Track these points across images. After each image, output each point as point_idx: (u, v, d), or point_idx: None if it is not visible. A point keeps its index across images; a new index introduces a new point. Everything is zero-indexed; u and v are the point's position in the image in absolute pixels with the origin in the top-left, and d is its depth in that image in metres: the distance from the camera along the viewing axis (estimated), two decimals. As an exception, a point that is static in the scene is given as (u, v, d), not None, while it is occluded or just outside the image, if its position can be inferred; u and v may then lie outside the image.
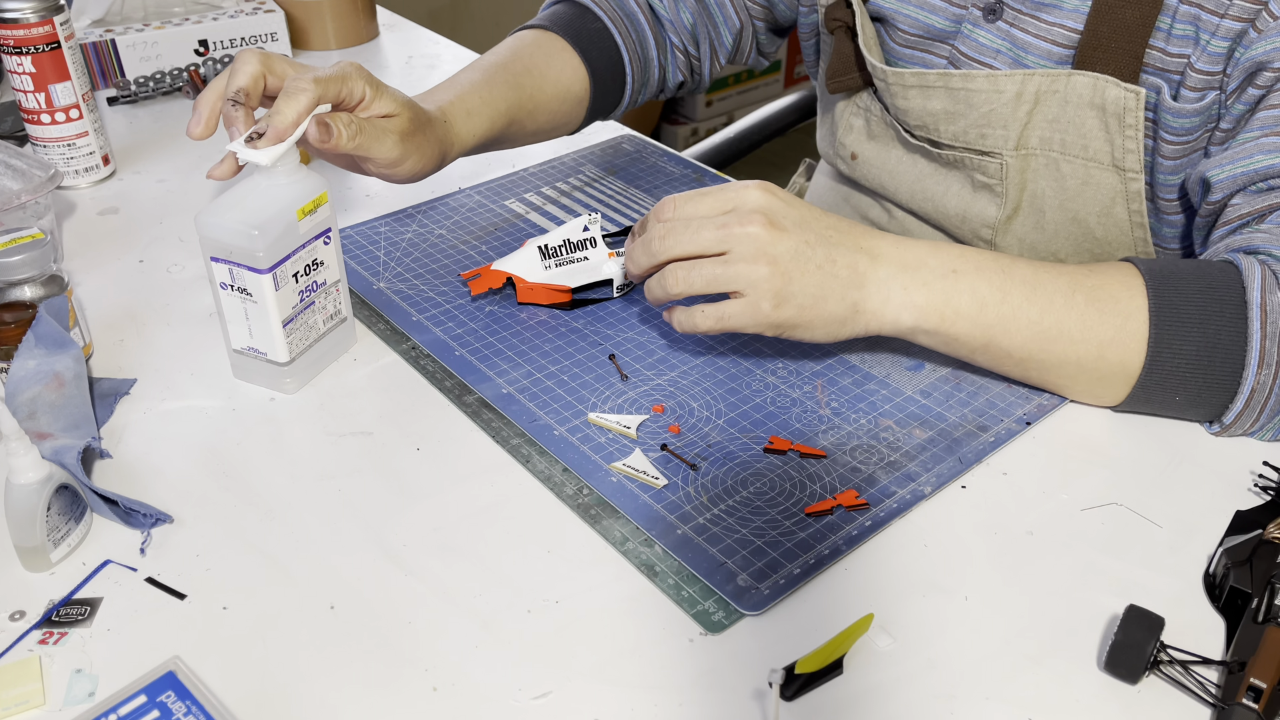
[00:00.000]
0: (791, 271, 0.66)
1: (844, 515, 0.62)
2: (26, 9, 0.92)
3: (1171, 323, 0.66)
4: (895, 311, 0.67)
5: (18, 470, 0.58)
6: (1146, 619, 0.53)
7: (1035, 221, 0.84)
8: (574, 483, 0.65)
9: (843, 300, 0.67)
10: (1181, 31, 0.73)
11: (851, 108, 0.93)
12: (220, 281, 0.69)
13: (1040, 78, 0.79)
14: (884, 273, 0.67)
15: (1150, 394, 0.68)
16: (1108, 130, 0.78)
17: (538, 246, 0.81)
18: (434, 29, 1.49)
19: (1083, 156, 0.79)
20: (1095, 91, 0.77)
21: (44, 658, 0.54)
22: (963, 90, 0.81)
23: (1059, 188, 0.82)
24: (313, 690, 0.53)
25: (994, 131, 0.82)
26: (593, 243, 0.82)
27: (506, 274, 0.80)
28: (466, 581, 0.59)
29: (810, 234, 0.67)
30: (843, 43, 0.89)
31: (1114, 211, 0.81)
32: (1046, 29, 0.79)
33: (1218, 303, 0.66)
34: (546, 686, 0.53)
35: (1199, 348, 0.66)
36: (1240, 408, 0.66)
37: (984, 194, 0.86)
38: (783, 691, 0.52)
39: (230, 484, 0.66)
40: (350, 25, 1.35)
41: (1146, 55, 0.75)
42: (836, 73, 0.90)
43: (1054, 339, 0.67)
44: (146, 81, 1.19)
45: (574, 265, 0.81)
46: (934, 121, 0.84)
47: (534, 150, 1.07)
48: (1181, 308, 0.66)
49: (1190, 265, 0.68)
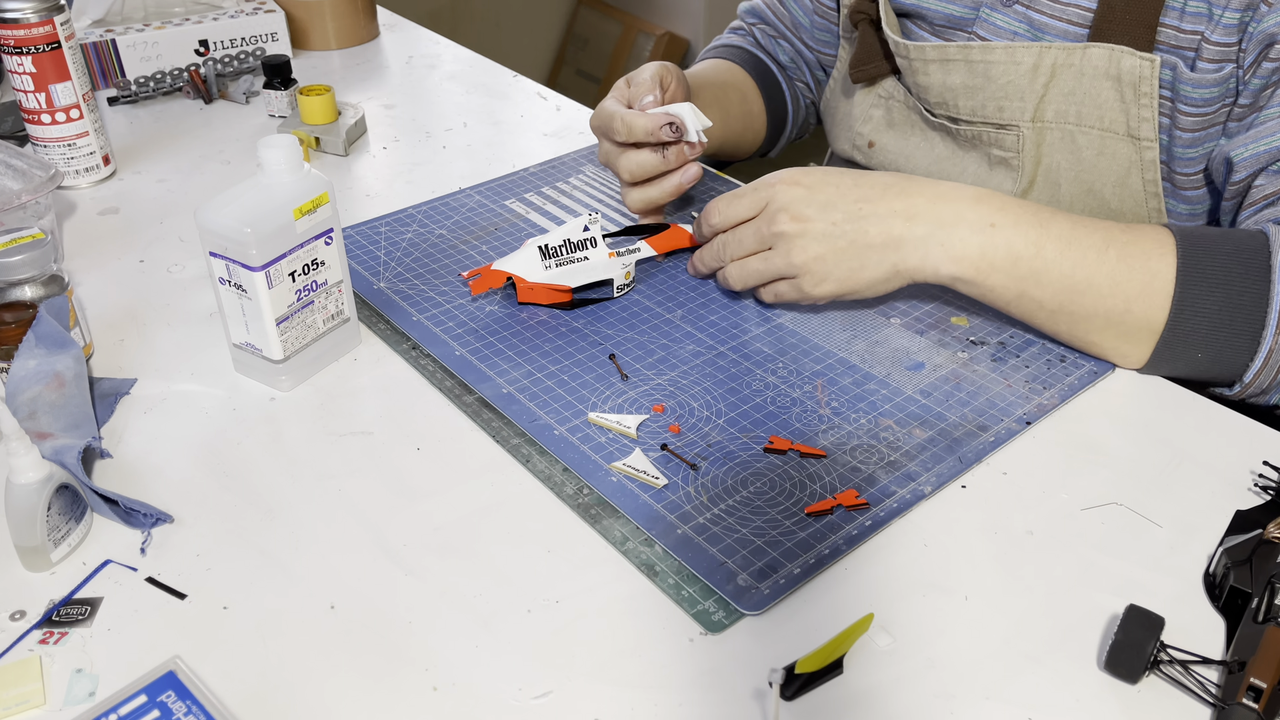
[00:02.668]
0: (824, 254, 0.73)
1: (844, 515, 0.62)
2: (27, 9, 0.92)
3: (1197, 281, 0.69)
4: (934, 265, 0.72)
5: (18, 470, 0.58)
6: (1146, 619, 0.53)
7: (1051, 195, 0.86)
8: (574, 482, 0.65)
9: (880, 265, 0.73)
10: (1195, 8, 0.76)
11: (871, 98, 0.96)
12: (219, 277, 0.70)
13: (1057, 50, 0.81)
14: (921, 232, 0.72)
15: (1173, 350, 0.70)
16: (1123, 100, 0.80)
17: (538, 246, 0.81)
18: (434, 29, 1.49)
19: (1098, 127, 0.82)
20: (1111, 62, 0.79)
21: (44, 657, 0.54)
22: (981, 63, 0.84)
23: (1075, 159, 0.84)
24: (313, 690, 0.53)
25: (1011, 104, 0.84)
26: (593, 243, 0.82)
27: (507, 274, 0.80)
28: (466, 581, 0.59)
29: (837, 213, 0.73)
30: (866, 34, 0.93)
31: (1129, 181, 0.83)
32: (1062, 9, 0.82)
33: (1243, 265, 0.69)
34: (546, 686, 0.53)
35: (1221, 306, 0.68)
36: (1258, 367, 0.69)
37: (1000, 169, 0.88)
38: (783, 691, 0.52)
39: (230, 484, 0.66)
40: (350, 25, 1.35)
41: (1161, 33, 0.78)
42: (860, 62, 0.94)
43: (1083, 292, 0.70)
44: (147, 81, 1.19)
45: (574, 265, 0.81)
46: (953, 97, 0.87)
47: (534, 150, 1.07)
48: (1208, 268, 0.69)
49: (1221, 230, 0.72)
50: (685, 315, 0.80)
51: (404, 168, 1.05)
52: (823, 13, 1.05)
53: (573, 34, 3.01)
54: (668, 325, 0.79)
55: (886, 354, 0.76)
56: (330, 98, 1.07)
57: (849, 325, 0.79)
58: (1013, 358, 0.75)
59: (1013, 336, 0.77)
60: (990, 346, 0.77)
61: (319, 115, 1.07)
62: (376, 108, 1.18)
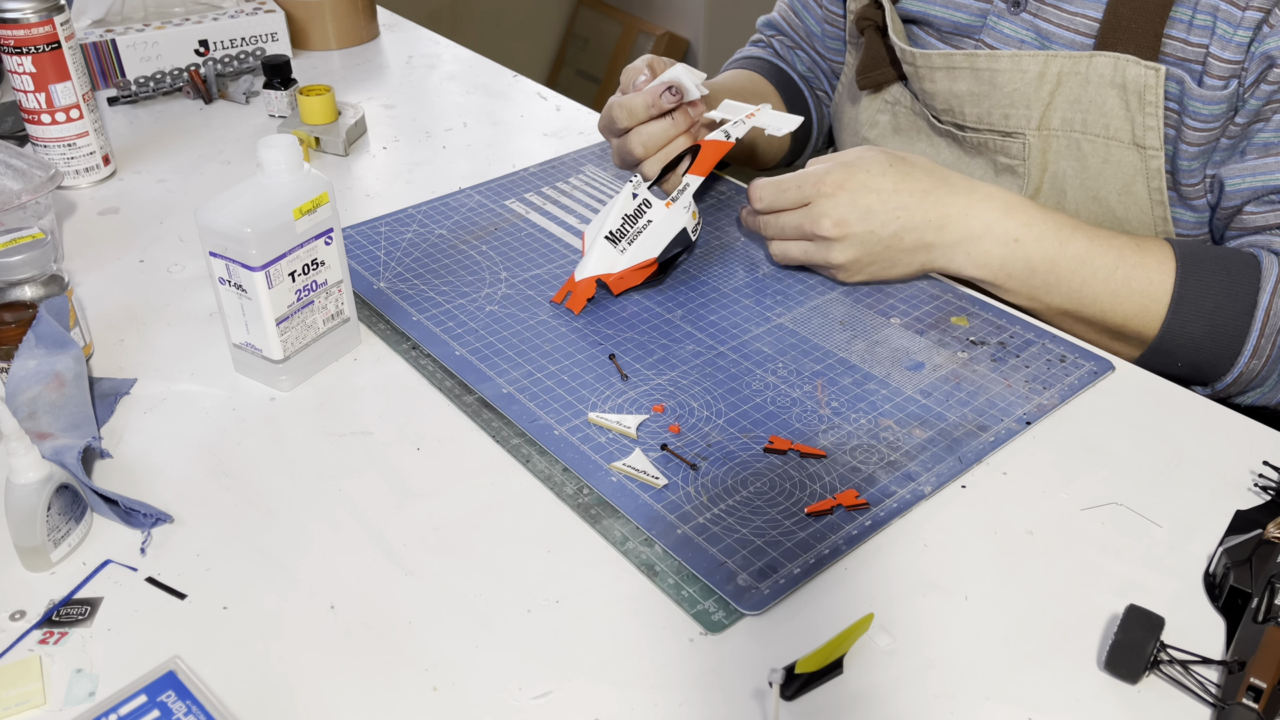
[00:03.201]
0: (860, 256, 0.79)
1: (844, 515, 0.62)
2: (27, 9, 0.92)
3: (1187, 310, 0.77)
4: (959, 268, 0.80)
5: (18, 470, 0.58)
6: (1146, 619, 0.53)
7: (1056, 201, 0.87)
8: (574, 482, 0.65)
9: (910, 264, 0.81)
10: (1202, 22, 0.77)
11: (877, 104, 0.97)
12: (219, 276, 0.70)
13: (1063, 59, 0.82)
14: (950, 239, 0.79)
15: (1157, 359, 0.79)
16: (1128, 108, 0.80)
17: (604, 237, 0.80)
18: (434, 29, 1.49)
19: (1104, 135, 0.83)
20: (1116, 70, 0.80)
21: (44, 657, 0.54)
22: (987, 70, 0.85)
23: (1080, 167, 0.85)
24: (313, 690, 0.53)
25: (1017, 112, 0.85)
26: (647, 204, 0.81)
27: (595, 279, 0.80)
28: (466, 581, 0.59)
29: (876, 221, 0.78)
30: (873, 40, 0.94)
31: (1134, 189, 0.83)
32: (1069, 18, 0.83)
33: (1231, 298, 0.77)
34: (546, 686, 0.53)
35: (1206, 333, 0.77)
36: (1229, 382, 0.79)
37: (1006, 176, 0.89)
38: (783, 691, 0.52)
39: (230, 484, 0.66)
40: (350, 25, 1.35)
41: (1167, 45, 0.79)
42: (867, 68, 0.95)
43: (1089, 305, 0.78)
44: (147, 81, 1.19)
45: (645, 234, 0.81)
46: (959, 104, 0.88)
47: (534, 150, 1.07)
48: (1200, 298, 0.77)
49: (1218, 257, 0.78)
50: (685, 315, 0.80)
51: (404, 168, 1.05)
52: (832, 20, 1.06)
53: (573, 34, 3.01)
54: (668, 325, 0.79)
55: (886, 354, 0.76)
56: (330, 98, 1.07)
57: (849, 325, 0.79)
58: (1013, 358, 0.75)
59: (1013, 337, 0.78)
60: (990, 346, 0.77)
61: (319, 115, 1.07)
62: (376, 108, 1.18)
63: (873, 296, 0.82)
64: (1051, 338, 0.77)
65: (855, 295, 0.82)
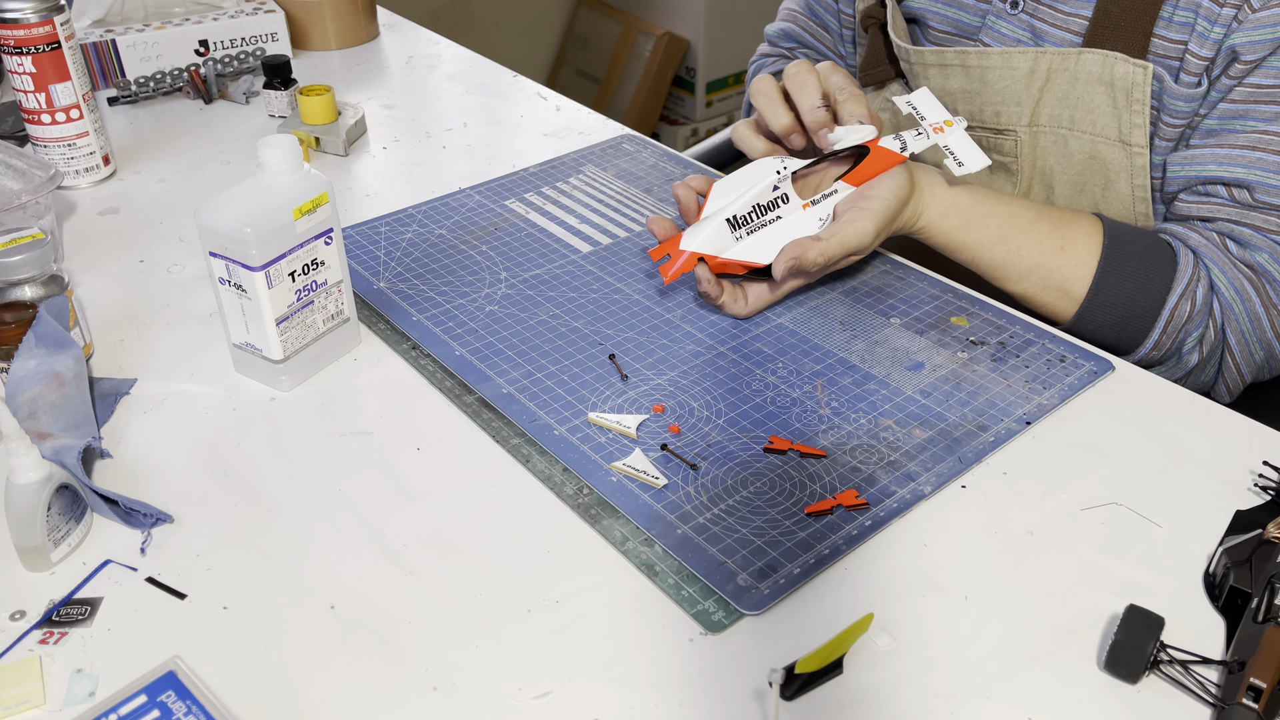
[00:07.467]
0: None
1: (844, 515, 0.62)
2: (27, 9, 0.92)
3: (1103, 301, 0.81)
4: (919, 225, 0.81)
5: (18, 470, 0.58)
6: (1146, 619, 0.53)
7: (1045, 197, 0.89)
8: (574, 482, 0.65)
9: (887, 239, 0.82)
10: (1182, 19, 0.78)
11: (879, 101, 0.98)
12: (219, 277, 0.70)
13: (1052, 55, 0.83)
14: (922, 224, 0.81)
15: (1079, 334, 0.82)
16: (1115, 105, 0.81)
17: (726, 219, 0.75)
18: (434, 29, 1.49)
19: (1090, 132, 0.84)
20: (1104, 68, 0.80)
21: (44, 658, 0.54)
22: (978, 68, 0.86)
23: (1066, 163, 0.86)
24: (313, 690, 0.53)
25: (1008, 109, 0.86)
26: (784, 199, 0.77)
27: (698, 255, 0.75)
28: (466, 581, 0.59)
29: None
30: (875, 38, 0.95)
31: (1118, 186, 0.85)
32: (1064, 18, 0.84)
33: (1143, 294, 0.80)
34: (546, 686, 0.53)
35: (1117, 320, 0.81)
36: (1136, 360, 0.83)
37: (1000, 173, 0.90)
38: (783, 691, 0.52)
39: (230, 484, 0.66)
40: (350, 25, 1.35)
41: (1153, 43, 0.80)
42: (869, 65, 0.96)
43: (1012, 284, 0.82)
44: (147, 82, 1.19)
45: (768, 230, 0.76)
46: (952, 101, 0.89)
47: (534, 150, 1.07)
48: (1115, 292, 0.80)
49: (1139, 254, 0.81)
50: (685, 315, 0.80)
51: (404, 168, 1.05)
52: (846, 23, 1.06)
53: (573, 34, 3.01)
54: (668, 325, 0.79)
55: (886, 354, 0.76)
56: (330, 98, 1.07)
57: (849, 325, 0.79)
58: (1012, 358, 0.75)
59: (1012, 337, 0.78)
60: (990, 346, 0.77)
61: (319, 115, 1.07)
62: (376, 108, 1.18)
63: (873, 297, 0.82)
64: (1051, 338, 0.77)
65: (855, 295, 0.82)
